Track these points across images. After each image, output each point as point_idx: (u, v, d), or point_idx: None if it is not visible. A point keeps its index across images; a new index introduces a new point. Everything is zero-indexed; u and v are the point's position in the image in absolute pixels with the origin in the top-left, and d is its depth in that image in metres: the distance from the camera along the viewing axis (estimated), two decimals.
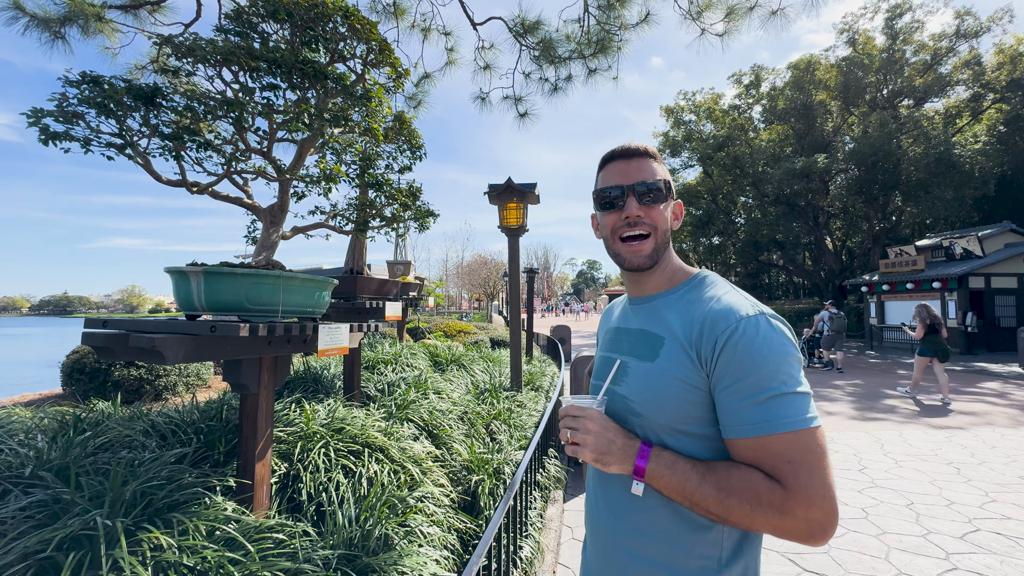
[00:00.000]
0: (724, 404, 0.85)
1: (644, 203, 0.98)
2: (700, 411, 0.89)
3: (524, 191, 5.56)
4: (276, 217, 2.43)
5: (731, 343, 0.84)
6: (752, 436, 0.81)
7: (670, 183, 1.03)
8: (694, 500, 0.84)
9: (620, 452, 0.89)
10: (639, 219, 0.98)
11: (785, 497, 0.78)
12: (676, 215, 1.06)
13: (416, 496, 2.51)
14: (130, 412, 3.14)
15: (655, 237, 0.99)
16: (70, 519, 1.62)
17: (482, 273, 36.87)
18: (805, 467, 0.78)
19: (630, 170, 1.00)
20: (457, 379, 5.47)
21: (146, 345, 1.63)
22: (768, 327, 0.86)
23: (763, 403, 0.81)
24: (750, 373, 0.82)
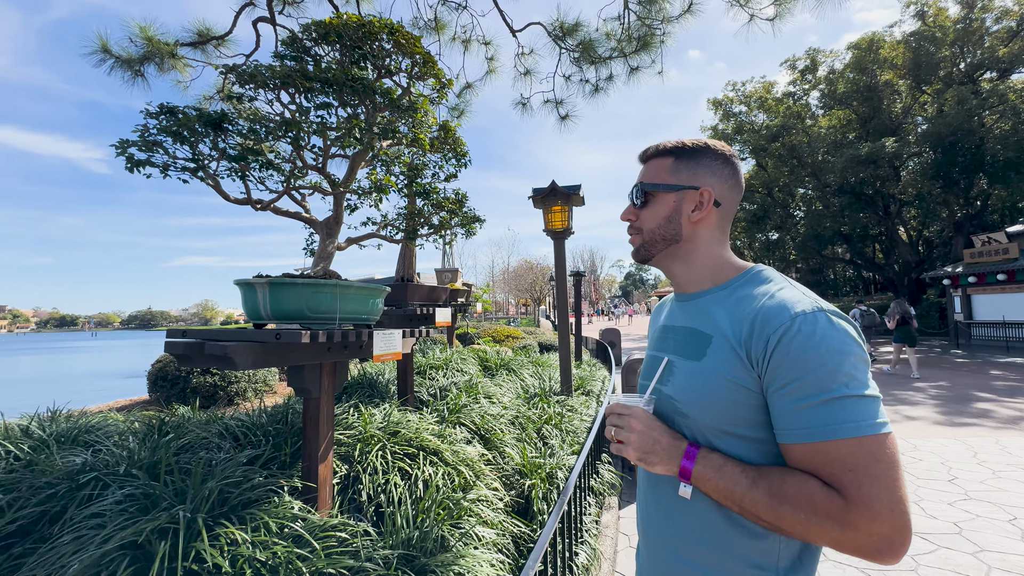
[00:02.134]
0: (778, 406, 0.80)
1: (636, 207, 1.04)
2: (750, 413, 0.85)
3: (568, 193, 5.52)
4: (331, 229, 2.55)
5: (785, 341, 0.79)
6: (809, 441, 0.76)
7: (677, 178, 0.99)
8: (744, 506, 0.80)
9: (665, 452, 0.87)
10: (629, 221, 1.06)
11: (845, 508, 0.72)
12: (700, 204, 0.98)
13: (470, 499, 2.54)
14: (206, 416, 3.39)
15: (641, 235, 1.03)
16: (158, 512, 1.76)
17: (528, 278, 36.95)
18: (869, 476, 0.72)
19: (640, 173, 1.06)
20: (507, 383, 5.49)
21: (219, 352, 1.76)
22: (828, 324, 0.80)
23: (821, 406, 0.75)
24: (806, 373, 0.76)
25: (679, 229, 0.99)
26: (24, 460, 2.19)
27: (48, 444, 2.37)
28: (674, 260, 1.02)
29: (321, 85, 1.89)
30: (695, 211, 0.99)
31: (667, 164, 1.00)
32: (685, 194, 0.99)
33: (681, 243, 1.00)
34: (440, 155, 2.79)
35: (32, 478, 2.01)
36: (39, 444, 2.37)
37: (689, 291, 1.03)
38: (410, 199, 2.89)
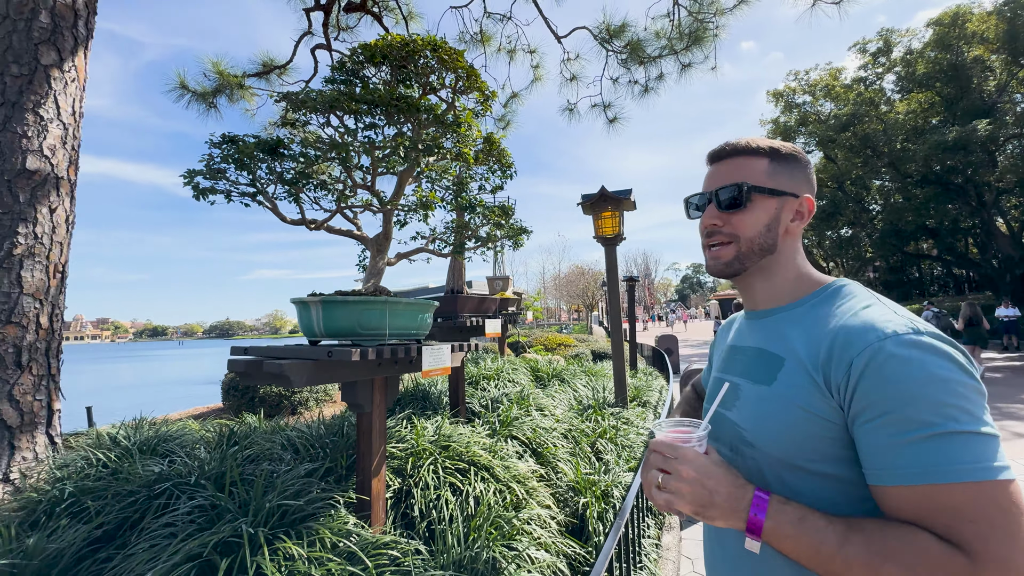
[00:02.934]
0: (869, 441, 0.68)
1: (725, 210, 0.89)
2: (829, 447, 0.74)
3: (619, 198, 5.36)
4: (381, 245, 2.59)
5: (874, 366, 0.67)
6: (915, 484, 0.63)
7: (775, 181, 0.88)
8: (832, 568, 0.66)
9: (726, 504, 0.71)
10: (715, 228, 0.90)
11: (972, 569, 0.59)
12: (800, 215, 0.89)
13: (523, 518, 2.47)
14: (271, 426, 3.56)
15: (737, 245, 0.88)
16: (223, 525, 1.84)
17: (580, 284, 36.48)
18: (997, 530, 0.59)
19: (716, 174, 0.92)
20: (559, 394, 5.38)
21: (276, 371, 1.81)
22: (928, 347, 0.67)
23: (925, 442, 0.63)
24: (905, 404, 0.64)
25: (775, 239, 0.89)
26: (111, 468, 2.37)
27: (132, 453, 2.57)
28: (759, 274, 0.91)
29: (368, 106, 1.93)
30: (794, 221, 0.90)
31: (763, 166, 0.89)
32: (786, 201, 0.89)
33: (773, 255, 0.90)
34: (486, 167, 2.77)
35: (117, 485, 2.17)
36: (124, 453, 2.57)
37: (762, 308, 0.93)
38: (457, 213, 2.90)
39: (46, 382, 3.09)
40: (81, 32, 3.38)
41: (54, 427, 3.13)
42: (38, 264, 3.06)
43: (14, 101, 3.04)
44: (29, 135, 3.07)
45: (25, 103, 3.07)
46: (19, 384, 2.92)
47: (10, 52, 3.07)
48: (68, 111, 3.28)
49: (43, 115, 3.13)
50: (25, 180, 3.04)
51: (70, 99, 3.30)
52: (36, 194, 3.08)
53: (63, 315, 3.28)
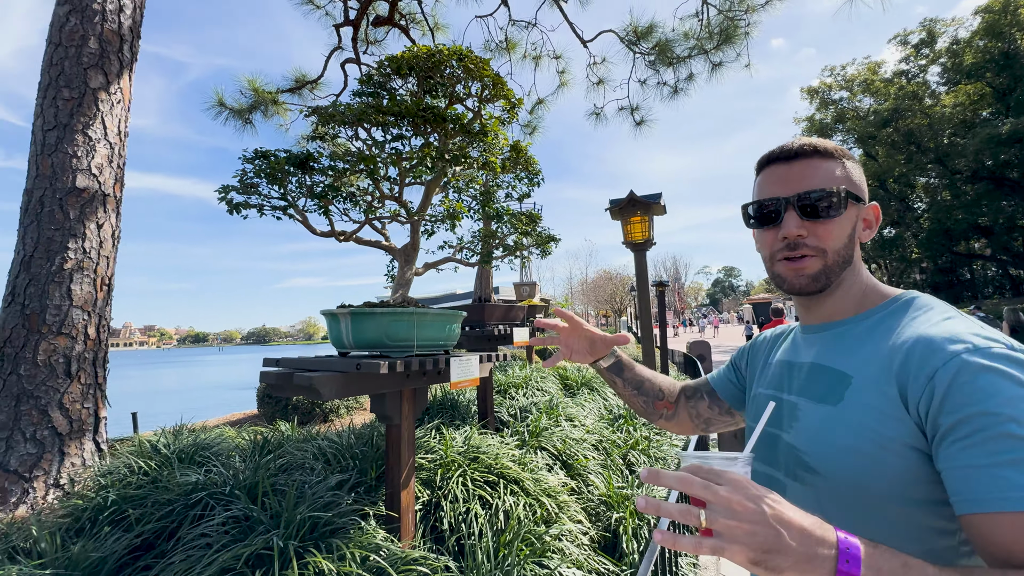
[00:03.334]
0: (961, 463, 0.59)
1: (809, 218, 0.78)
2: (906, 472, 0.65)
3: (648, 203, 5.25)
4: (409, 256, 2.59)
5: (965, 379, 0.60)
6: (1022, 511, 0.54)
7: (856, 187, 0.80)
8: None
9: (801, 549, 0.53)
10: (800, 240, 0.79)
11: None
12: (868, 223, 0.83)
13: (554, 534, 2.40)
14: (303, 433, 3.61)
15: (824, 258, 0.79)
16: (255, 537, 1.85)
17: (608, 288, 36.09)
18: None
19: (791, 176, 0.80)
20: (589, 403, 5.28)
21: (305, 383, 1.82)
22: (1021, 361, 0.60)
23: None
24: (1007, 420, 0.56)
25: (853, 250, 0.82)
26: (152, 476, 2.44)
27: (171, 461, 2.63)
28: (837, 287, 0.83)
29: (395, 118, 1.93)
30: (866, 230, 0.83)
31: (839, 169, 0.80)
32: (862, 209, 0.82)
33: (852, 266, 0.82)
34: (512, 175, 2.74)
35: (156, 494, 2.22)
36: (164, 461, 2.64)
37: (822, 321, 0.85)
38: (484, 222, 2.88)
39: (93, 390, 3.22)
40: (126, 56, 3.54)
41: (100, 434, 3.26)
42: (86, 277, 3.21)
43: (65, 123, 3.21)
44: (79, 155, 3.23)
45: (75, 124, 3.23)
46: (68, 393, 3.05)
47: (62, 77, 3.25)
48: (114, 131, 3.44)
49: (91, 135, 3.29)
50: (75, 198, 3.19)
51: (116, 120, 3.46)
52: (85, 211, 3.23)
53: (109, 326, 3.42)
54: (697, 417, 1.18)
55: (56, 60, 3.26)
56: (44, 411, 2.94)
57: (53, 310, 3.04)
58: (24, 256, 3.07)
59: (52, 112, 3.21)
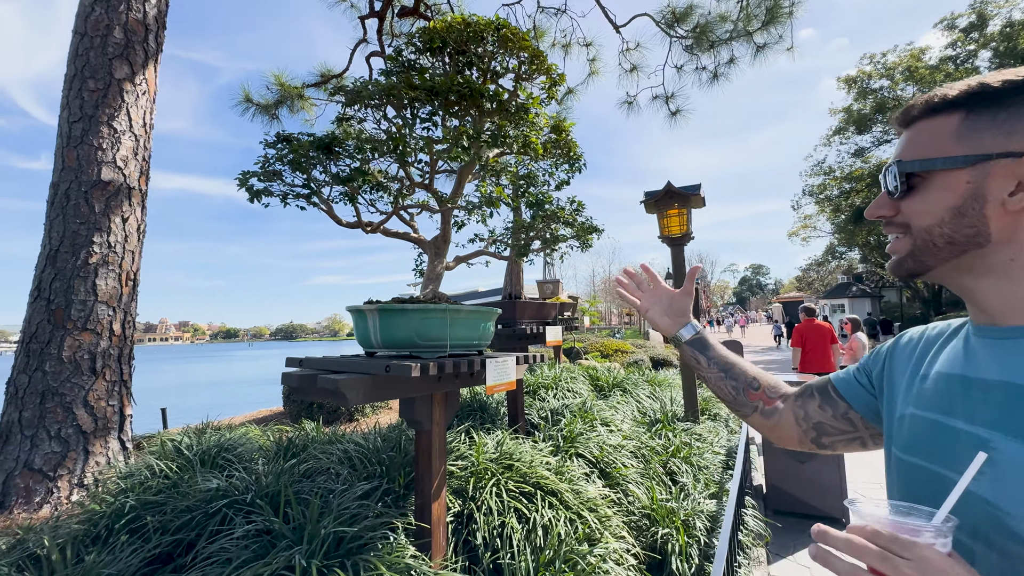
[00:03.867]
0: None
1: (897, 195, 0.67)
2: None
3: (686, 194, 4.95)
4: (440, 248, 2.41)
5: None
6: None
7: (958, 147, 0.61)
8: None
9: None
10: (885, 218, 0.70)
11: None
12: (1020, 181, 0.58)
13: (598, 553, 2.19)
14: (329, 434, 3.48)
15: (912, 237, 0.67)
16: (277, 553, 1.69)
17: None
18: None
19: (900, 145, 0.69)
20: (622, 406, 5.03)
21: (330, 387, 1.65)
22: None
23: None
24: None
25: (982, 226, 0.60)
26: (172, 480, 2.32)
27: (193, 464, 2.52)
28: (977, 274, 0.63)
29: (426, 94, 1.74)
30: (1015, 194, 0.58)
31: (951, 125, 0.61)
32: (990, 169, 0.58)
33: (990, 247, 0.60)
34: (550, 161, 2.52)
35: (176, 501, 2.10)
36: (186, 463, 2.52)
37: (1008, 323, 0.62)
38: (516, 213, 2.67)
39: (119, 388, 3.15)
40: (151, 46, 3.47)
41: (126, 432, 3.19)
42: (111, 272, 3.14)
43: (90, 115, 3.14)
44: (104, 147, 3.16)
45: (100, 116, 3.16)
46: (93, 390, 2.99)
47: (87, 68, 3.18)
48: (139, 123, 3.37)
49: (116, 127, 3.22)
50: (100, 191, 3.12)
51: (141, 111, 3.38)
52: (110, 204, 3.16)
53: (135, 322, 3.36)
54: (805, 419, 0.92)
55: (81, 51, 3.20)
56: (69, 408, 2.87)
57: (78, 305, 2.98)
58: (50, 250, 3.02)
59: (78, 104, 3.14)
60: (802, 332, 6.73)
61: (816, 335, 6.65)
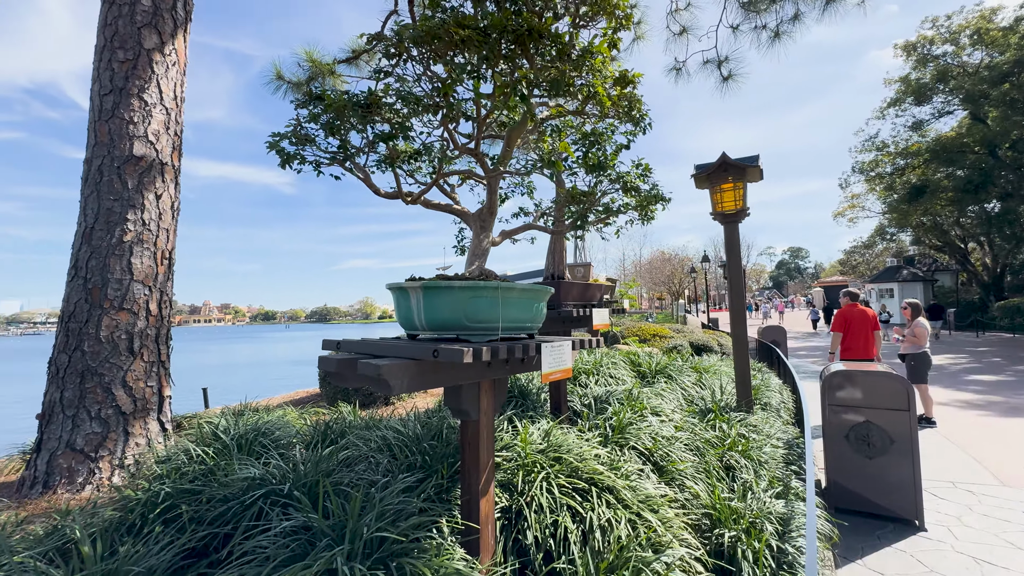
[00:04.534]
0: None
1: None
2: None
3: (743, 166, 4.54)
4: (485, 221, 2.17)
5: None
6: None
7: None
8: None
9: None
10: None
11: None
12: None
13: (667, 561, 1.96)
14: (366, 418, 3.36)
15: None
16: (318, 554, 1.54)
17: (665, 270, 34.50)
18: None
19: None
20: (668, 393, 4.74)
21: (372, 373, 1.46)
22: None
23: None
24: None
25: None
26: (209, 466, 2.22)
27: (230, 449, 2.42)
28: None
29: (477, 34, 1.48)
30: None
31: None
32: None
33: None
34: (608, 122, 2.23)
35: (212, 489, 1.98)
36: (223, 448, 2.42)
37: None
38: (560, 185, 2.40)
39: (156, 368, 3.09)
40: (179, 14, 3.32)
41: (165, 413, 3.15)
42: (146, 251, 3.05)
43: (121, 87, 3.02)
44: (135, 120, 3.04)
45: (130, 88, 3.04)
46: (131, 370, 2.93)
47: (116, 38, 3.06)
48: (170, 95, 3.24)
49: (147, 100, 3.10)
50: (132, 166, 3.02)
51: (171, 83, 3.25)
52: (143, 180, 3.06)
53: (171, 302, 3.28)
54: None
55: (110, 19, 3.07)
56: (108, 389, 2.82)
57: (115, 284, 2.91)
58: (85, 228, 2.94)
59: (108, 75, 3.03)
60: (846, 317, 6.30)
61: (859, 321, 6.25)
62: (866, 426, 4.05)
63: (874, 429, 4.02)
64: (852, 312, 6.26)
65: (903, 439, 3.91)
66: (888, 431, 3.96)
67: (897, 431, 3.93)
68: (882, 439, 3.99)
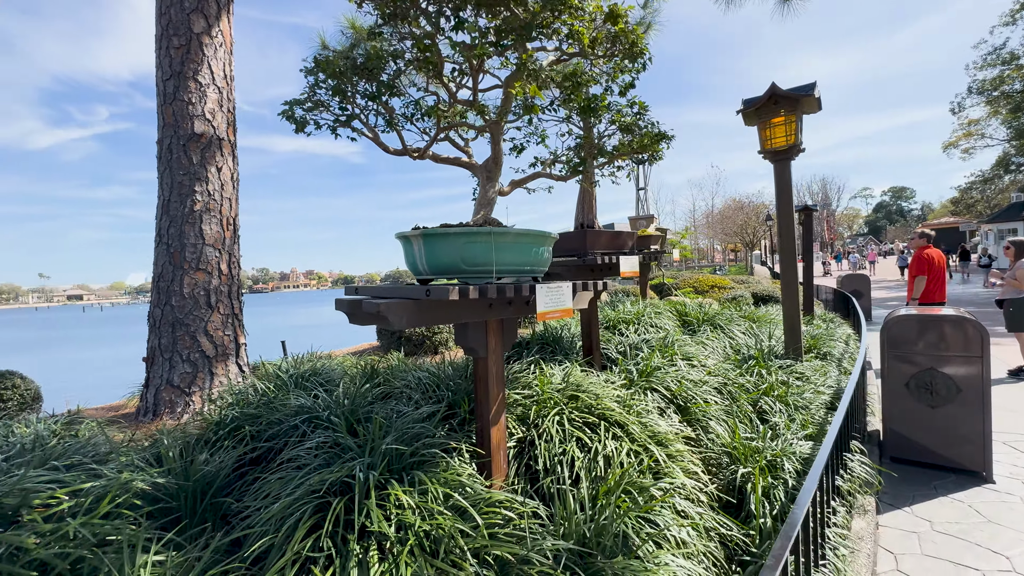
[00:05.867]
0: None
1: None
2: None
3: (795, 97, 4.16)
4: (491, 172, 2.27)
5: None
6: None
7: None
8: None
9: None
10: None
11: None
12: None
13: (663, 487, 2.07)
14: (409, 364, 3.70)
15: None
16: (343, 464, 1.82)
17: (737, 219, 32.27)
18: None
19: None
20: (712, 342, 4.67)
21: (373, 310, 1.66)
22: None
23: None
24: None
25: None
26: (269, 398, 2.62)
27: (287, 385, 2.81)
28: None
29: None
30: None
31: None
32: None
33: None
34: (611, 64, 2.19)
35: (268, 415, 2.36)
36: (281, 384, 2.82)
37: None
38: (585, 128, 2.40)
39: (231, 320, 3.59)
40: None
41: (241, 358, 3.66)
42: (214, 218, 3.48)
43: (178, 71, 3.38)
44: (193, 101, 3.40)
45: (186, 72, 3.39)
46: (211, 321, 3.43)
47: (171, 26, 3.39)
48: (221, 75, 3.56)
49: (201, 81, 3.44)
50: (195, 143, 3.41)
51: (220, 63, 3.56)
52: (205, 155, 3.45)
53: (240, 263, 3.74)
54: None
55: (164, 9, 3.40)
56: (193, 337, 3.34)
57: (190, 248, 3.37)
58: (163, 200, 3.41)
59: (167, 61, 3.39)
60: (928, 259, 5.75)
61: (939, 264, 5.74)
62: (930, 373, 3.77)
63: (939, 377, 3.74)
64: (932, 254, 5.69)
65: (972, 387, 3.61)
66: (955, 379, 3.67)
67: (966, 379, 3.62)
68: (947, 387, 3.70)
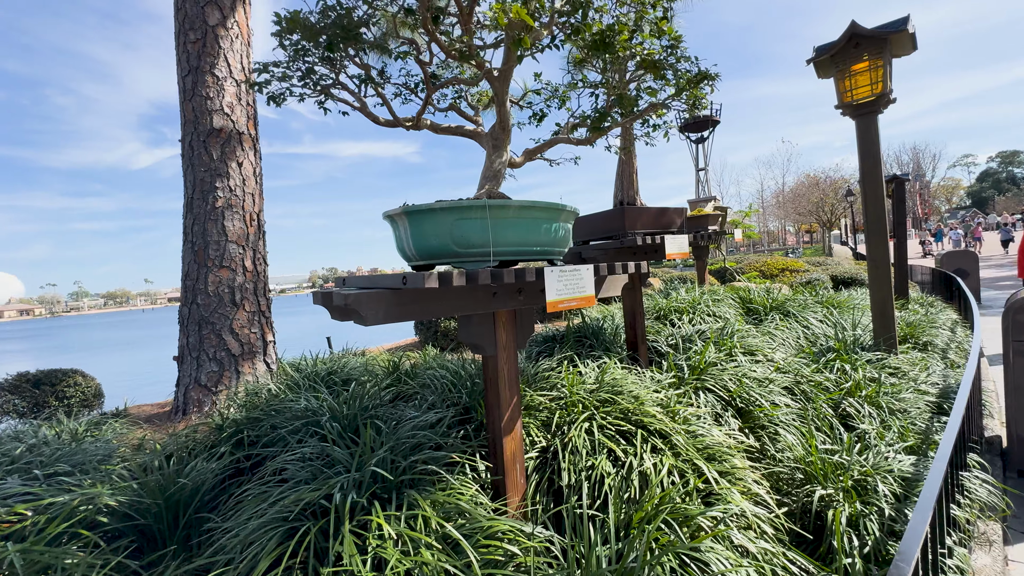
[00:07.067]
0: None
1: None
2: None
3: (883, 36, 3.44)
4: (498, 140, 1.94)
5: None
6: None
7: None
8: None
9: None
10: None
11: None
12: None
13: (714, 515, 1.66)
14: (436, 360, 3.47)
15: None
16: (325, 479, 1.59)
17: (812, 197, 29.43)
18: None
19: None
20: (781, 332, 4.06)
21: (341, 303, 1.40)
22: None
23: None
24: None
25: None
26: (280, 399, 2.46)
27: (298, 384, 2.66)
28: None
29: None
30: None
31: None
32: None
33: None
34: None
35: (269, 418, 2.19)
36: (292, 384, 2.67)
37: None
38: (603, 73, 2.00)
39: (258, 317, 3.52)
40: None
41: (269, 355, 3.60)
42: (236, 214, 3.41)
43: (195, 66, 3.32)
44: (211, 96, 3.34)
45: (203, 66, 3.32)
46: (236, 319, 3.37)
47: (187, 20, 3.33)
48: (238, 67, 3.48)
49: (218, 75, 3.36)
50: (215, 139, 3.35)
51: (237, 56, 3.48)
52: (225, 150, 3.38)
53: (265, 259, 3.67)
54: None
55: (180, 4, 3.35)
56: (219, 335, 3.30)
57: (213, 245, 3.32)
58: (187, 198, 3.38)
59: (185, 57, 3.34)
60: None
61: None
62: None
63: None
64: None
65: None
66: None
67: None
68: None
